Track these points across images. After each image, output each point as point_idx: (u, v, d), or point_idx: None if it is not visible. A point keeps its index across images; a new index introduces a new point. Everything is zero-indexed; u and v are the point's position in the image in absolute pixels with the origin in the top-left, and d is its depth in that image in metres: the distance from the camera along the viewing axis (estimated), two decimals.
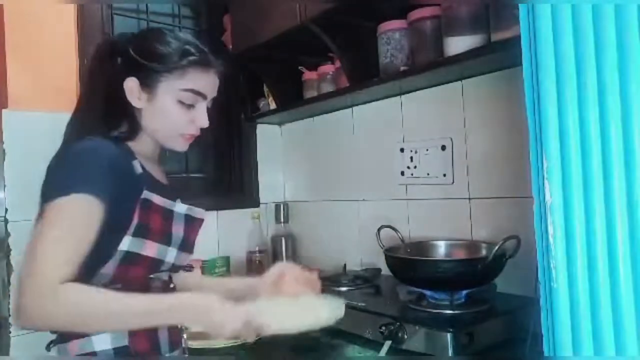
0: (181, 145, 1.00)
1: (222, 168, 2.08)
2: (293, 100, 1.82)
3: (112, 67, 0.95)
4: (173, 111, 0.95)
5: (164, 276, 0.97)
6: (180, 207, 0.98)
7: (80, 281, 0.81)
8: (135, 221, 0.88)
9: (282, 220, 2.00)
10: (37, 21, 1.53)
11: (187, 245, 0.98)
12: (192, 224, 1.00)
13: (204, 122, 0.99)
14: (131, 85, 0.94)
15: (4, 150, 1.43)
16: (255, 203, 2.04)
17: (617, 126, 0.50)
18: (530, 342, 0.89)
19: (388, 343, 1.08)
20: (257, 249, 1.90)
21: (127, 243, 0.87)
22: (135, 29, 1.83)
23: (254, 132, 2.07)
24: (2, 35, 1.47)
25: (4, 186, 1.43)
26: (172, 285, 1.00)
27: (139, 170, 0.92)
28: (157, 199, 0.92)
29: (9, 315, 1.42)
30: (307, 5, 1.47)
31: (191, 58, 0.94)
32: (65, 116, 1.15)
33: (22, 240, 1.41)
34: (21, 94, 1.48)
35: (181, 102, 0.95)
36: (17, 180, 1.44)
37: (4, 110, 1.45)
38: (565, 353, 0.53)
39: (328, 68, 1.70)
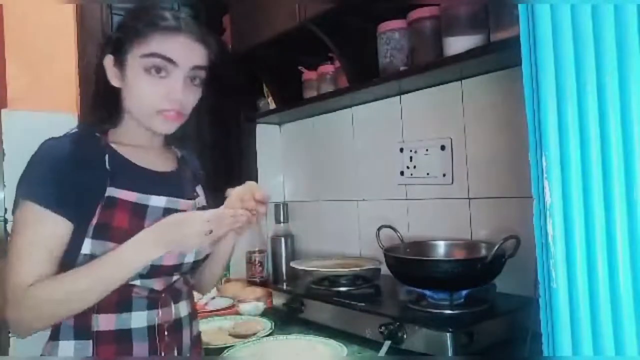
0: (161, 125, 0.90)
1: (222, 168, 2.08)
2: (293, 100, 1.82)
3: (100, 55, 0.92)
4: (142, 83, 0.87)
5: (153, 284, 0.88)
6: (157, 201, 0.89)
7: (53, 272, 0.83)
8: (94, 222, 0.83)
9: (281, 220, 2.00)
10: (36, 21, 1.53)
11: None
12: None
13: (178, 94, 0.87)
14: (106, 63, 0.90)
15: (3, 150, 1.43)
16: None
17: (617, 126, 0.50)
18: (530, 342, 0.89)
19: (388, 343, 1.08)
20: (256, 248, 1.91)
21: (88, 246, 0.83)
22: None
23: (253, 132, 2.07)
24: (2, 35, 1.47)
25: (4, 186, 1.43)
26: (163, 295, 0.89)
27: (107, 165, 0.87)
28: (126, 195, 0.86)
29: None
30: (306, 6, 1.47)
31: (154, 21, 0.87)
32: (65, 116, 1.15)
33: None
34: (21, 94, 1.48)
35: (148, 71, 0.86)
36: (16, 180, 1.43)
37: (3, 110, 1.45)
38: (565, 353, 0.53)
39: (328, 68, 1.70)
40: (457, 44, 1.21)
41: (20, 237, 0.82)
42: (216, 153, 2.07)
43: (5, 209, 1.43)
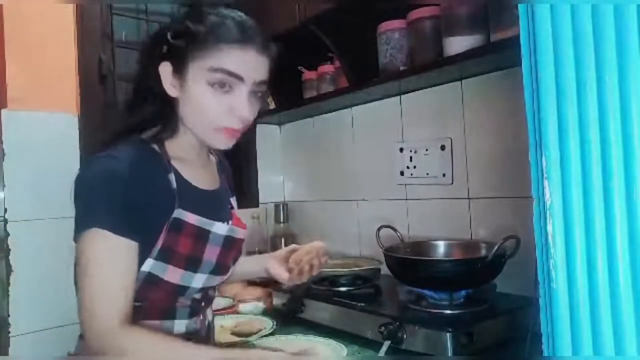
0: (223, 142, 0.87)
1: None
2: (293, 100, 1.82)
3: (152, 58, 0.85)
4: (205, 96, 0.82)
5: (195, 295, 0.90)
6: (219, 228, 0.88)
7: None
8: (159, 244, 0.81)
9: (281, 220, 2.00)
10: (36, 21, 1.53)
11: (221, 269, 0.90)
12: (232, 244, 0.92)
13: (243, 111, 0.83)
14: (163, 70, 0.83)
15: (3, 150, 1.43)
16: (255, 203, 2.04)
17: (617, 126, 0.50)
18: (530, 342, 0.89)
19: (387, 343, 1.08)
20: (257, 249, 1.90)
21: (149, 265, 0.82)
22: (135, 29, 1.83)
23: (253, 132, 2.07)
24: (2, 35, 1.47)
25: (4, 186, 1.43)
26: (202, 304, 0.93)
27: (174, 184, 0.84)
28: (191, 218, 0.84)
29: (9, 315, 1.42)
30: (306, 6, 1.47)
31: (221, 32, 0.81)
32: (65, 116, 1.14)
33: (22, 240, 1.43)
34: (21, 94, 1.48)
35: (213, 86, 0.82)
36: (16, 180, 1.44)
37: (3, 110, 1.45)
38: (565, 353, 0.53)
39: (327, 68, 1.70)
40: (457, 44, 1.21)
41: (97, 271, 0.77)
42: (215, 153, 2.07)
43: (5, 209, 1.43)
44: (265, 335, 1.27)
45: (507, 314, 1.15)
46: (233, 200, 1.06)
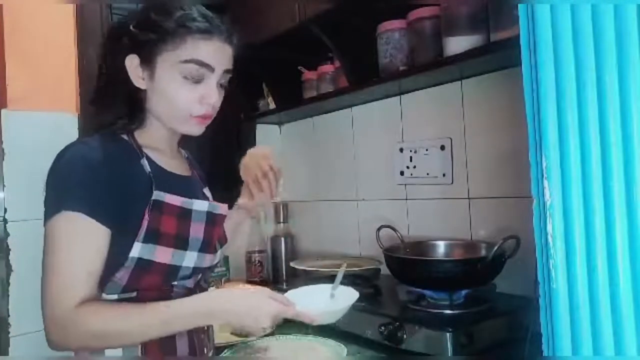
0: (194, 129, 0.90)
1: (221, 168, 2.07)
2: (292, 100, 1.82)
3: (115, 49, 0.87)
4: (177, 88, 0.84)
5: (188, 283, 0.90)
6: (200, 205, 0.90)
7: (96, 290, 0.80)
8: (144, 226, 0.81)
9: (281, 220, 2.00)
10: (36, 21, 1.52)
11: (209, 246, 0.91)
12: (214, 220, 0.93)
13: (213, 99, 0.87)
14: (129, 63, 0.85)
15: (3, 150, 1.43)
16: None
17: (617, 126, 0.50)
18: (530, 342, 0.89)
19: (343, 268, 1.06)
20: (256, 248, 1.90)
21: (137, 250, 0.81)
22: None
23: (253, 132, 2.07)
24: (2, 35, 1.46)
25: (4, 186, 1.43)
26: (198, 292, 0.92)
27: (147, 168, 0.86)
28: (170, 199, 0.86)
29: (9, 315, 1.42)
30: (306, 6, 1.47)
31: (189, 24, 0.83)
32: (65, 116, 1.13)
33: (22, 240, 1.43)
34: (20, 94, 1.48)
35: (185, 77, 0.84)
36: (16, 180, 1.43)
37: (3, 110, 1.44)
38: (565, 353, 0.53)
39: (327, 68, 1.70)
40: (457, 44, 1.21)
41: (62, 253, 0.78)
42: (215, 153, 2.07)
43: (5, 209, 1.43)
44: (265, 335, 1.26)
45: (507, 314, 1.15)
46: (207, 191, 1.07)
